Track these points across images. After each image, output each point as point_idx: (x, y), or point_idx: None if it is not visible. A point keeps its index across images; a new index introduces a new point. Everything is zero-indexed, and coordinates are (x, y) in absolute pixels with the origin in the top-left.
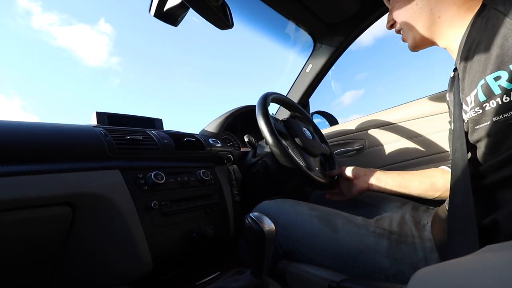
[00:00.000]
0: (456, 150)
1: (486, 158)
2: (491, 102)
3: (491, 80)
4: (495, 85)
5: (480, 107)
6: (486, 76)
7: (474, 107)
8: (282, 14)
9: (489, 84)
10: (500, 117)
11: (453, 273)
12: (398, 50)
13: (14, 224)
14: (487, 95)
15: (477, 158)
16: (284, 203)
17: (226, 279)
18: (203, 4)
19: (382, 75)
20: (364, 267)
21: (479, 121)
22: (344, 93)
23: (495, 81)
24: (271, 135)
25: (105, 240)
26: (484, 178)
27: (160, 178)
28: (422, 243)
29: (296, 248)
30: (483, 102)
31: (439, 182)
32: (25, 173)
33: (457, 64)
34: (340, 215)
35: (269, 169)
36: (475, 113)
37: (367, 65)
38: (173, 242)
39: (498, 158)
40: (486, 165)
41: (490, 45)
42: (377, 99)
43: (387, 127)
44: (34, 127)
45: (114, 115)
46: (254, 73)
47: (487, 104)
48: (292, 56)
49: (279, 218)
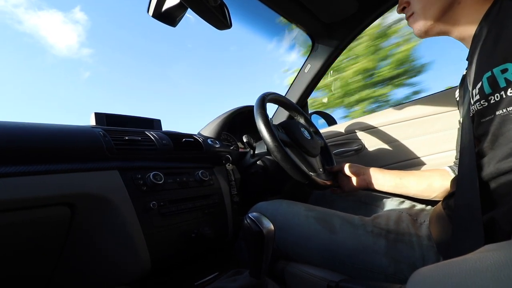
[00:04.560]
0: (464, 147)
1: (488, 151)
2: (495, 95)
3: (498, 72)
4: (501, 77)
5: (486, 100)
6: (493, 68)
7: (480, 99)
8: (281, 14)
9: (495, 76)
10: (504, 111)
11: (452, 272)
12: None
13: (12, 224)
14: (492, 87)
15: (480, 151)
16: (280, 204)
17: (224, 279)
18: (201, 5)
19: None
20: (362, 267)
21: (485, 114)
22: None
23: (502, 73)
24: (271, 138)
25: (104, 240)
26: (484, 171)
27: (158, 179)
28: (419, 241)
29: (293, 250)
30: (489, 94)
31: (437, 183)
32: (24, 174)
33: (468, 55)
34: (337, 215)
35: (267, 169)
36: (481, 106)
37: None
38: (172, 242)
39: (498, 151)
40: (486, 158)
41: (499, 37)
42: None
43: (386, 127)
44: (32, 128)
45: (112, 115)
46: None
47: (492, 97)
48: (290, 56)
49: (275, 220)
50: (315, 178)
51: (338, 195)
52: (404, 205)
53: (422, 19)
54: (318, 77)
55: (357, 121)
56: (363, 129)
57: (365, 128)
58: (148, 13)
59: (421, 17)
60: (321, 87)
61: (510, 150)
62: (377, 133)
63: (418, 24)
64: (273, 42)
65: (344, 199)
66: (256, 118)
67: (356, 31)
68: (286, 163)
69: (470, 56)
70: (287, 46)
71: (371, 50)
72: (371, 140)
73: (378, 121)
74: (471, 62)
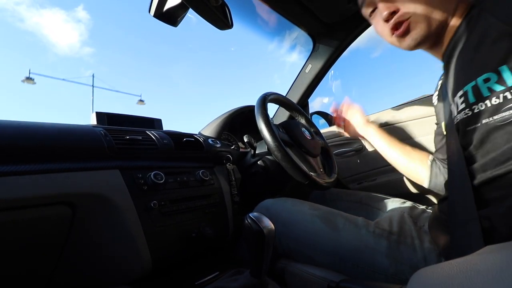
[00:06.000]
0: (452, 155)
1: (478, 159)
2: (479, 105)
3: (481, 82)
4: (484, 87)
5: (470, 109)
6: (477, 78)
7: (464, 108)
8: (282, 14)
9: (479, 86)
10: (490, 119)
11: (453, 273)
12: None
13: (13, 223)
14: (476, 97)
15: (469, 158)
16: (286, 202)
17: (225, 279)
18: (203, 5)
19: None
20: (363, 266)
21: (470, 123)
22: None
23: (485, 83)
24: (271, 138)
25: (104, 240)
26: (476, 178)
27: (159, 178)
28: (421, 244)
29: (295, 247)
30: (472, 104)
31: (421, 173)
32: (25, 173)
33: (444, 64)
34: (341, 215)
35: (268, 169)
36: (465, 115)
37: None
38: (172, 242)
39: (488, 158)
40: (476, 165)
41: (478, 47)
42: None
43: (386, 128)
44: (34, 127)
45: (113, 115)
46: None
47: (476, 106)
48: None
49: (280, 216)
50: (316, 178)
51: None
52: (405, 206)
53: (421, 27)
54: (319, 77)
55: None
56: None
57: None
58: (150, 13)
59: (422, 24)
60: None
61: (500, 157)
62: None
63: (416, 32)
64: (274, 42)
65: (344, 199)
66: (257, 118)
67: (357, 31)
68: (287, 163)
69: (446, 64)
70: (288, 46)
71: None
72: None
73: (379, 121)
74: (448, 70)
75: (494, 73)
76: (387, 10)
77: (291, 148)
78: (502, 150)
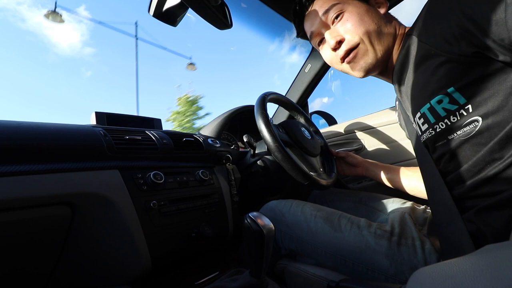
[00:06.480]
0: (419, 153)
1: (452, 170)
2: (440, 124)
3: (435, 103)
4: (439, 108)
5: (432, 128)
6: (430, 101)
7: (428, 128)
8: (281, 14)
9: (434, 108)
10: (455, 135)
11: (452, 273)
12: None
13: (13, 224)
14: (435, 117)
15: (444, 171)
16: (291, 203)
17: (225, 278)
18: (202, 4)
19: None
20: (364, 266)
21: (437, 140)
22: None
23: (439, 104)
24: (271, 138)
25: (104, 240)
26: (453, 189)
27: (159, 178)
28: (421, 246)
29: (298, 246)
30: (434, 123)
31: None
32: (24, 173)
33: (396, 86)
34: (344, 216)
35: (268, 169)
36: (430, 134)
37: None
38: (172, 242)
39: (460, 170)
40: (452, 177)
41: (423, 71)
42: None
43: (385, 127)
44: (33, 127)
45: (113, 115)
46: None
47: (437, 126)
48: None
49: (284, 217)
50: (316, 177)
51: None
52: (406, 206)
53: (370, 56)
54: (319, 76)
55: (357, 121)
56: (363, 129)
57: (365, 128)
58: (149, 13)
59: (370, 53)
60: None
61: (473, 168)
62: (377, 133)
63: (364, 61)
64: (274, 42)
65: (344, 199)
66: (257, 117)
67: None
68: (287, 163)
69: (398, 87)
70: (288, 47)
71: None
72: (371, 140)
73: (378, 121)
74: (401, 93)
75: (444, 95)
76: (333, 39)
77: (291, 148)
78: (473, 161)
